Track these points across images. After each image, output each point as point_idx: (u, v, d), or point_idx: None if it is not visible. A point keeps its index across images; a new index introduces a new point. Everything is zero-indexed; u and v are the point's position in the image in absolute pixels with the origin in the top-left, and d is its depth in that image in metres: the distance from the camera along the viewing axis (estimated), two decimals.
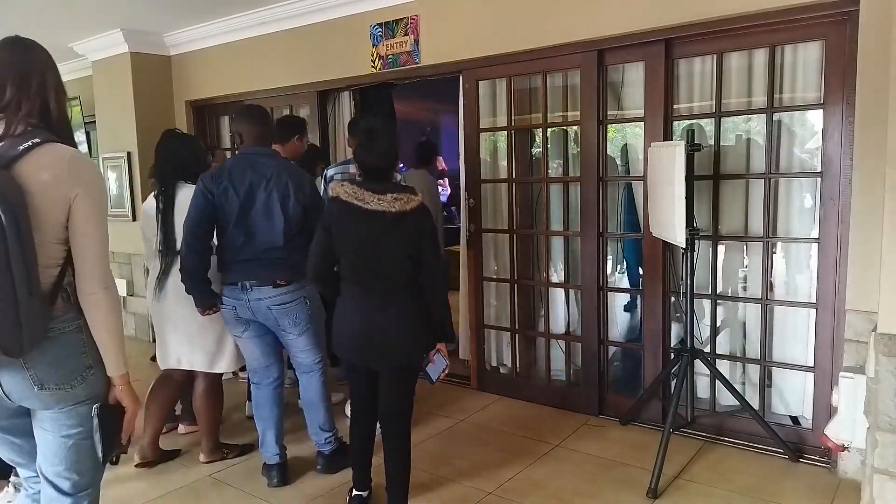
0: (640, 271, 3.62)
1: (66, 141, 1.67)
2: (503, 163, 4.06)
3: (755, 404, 3.23)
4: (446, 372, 2.65)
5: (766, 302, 3.21)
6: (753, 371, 3.34)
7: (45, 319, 1.59)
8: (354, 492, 2.75)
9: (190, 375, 3.21)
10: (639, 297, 3.66)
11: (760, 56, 3.11)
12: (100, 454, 1.70)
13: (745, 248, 3.37)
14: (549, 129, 3.82)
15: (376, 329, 2.48)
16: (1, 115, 1.61)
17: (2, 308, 1.48)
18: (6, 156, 1.54)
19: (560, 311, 4.00)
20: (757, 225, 3.22)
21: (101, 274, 1.66)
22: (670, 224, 2.84)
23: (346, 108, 4.74)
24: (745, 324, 3.38)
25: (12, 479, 2.59)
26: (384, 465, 2.59)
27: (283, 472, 3.01)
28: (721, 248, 3.39)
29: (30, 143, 1.57)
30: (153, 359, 3.87)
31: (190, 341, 3.09)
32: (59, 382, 1.62)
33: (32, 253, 1.52)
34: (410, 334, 2.50)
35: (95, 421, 1.67)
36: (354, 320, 2.52)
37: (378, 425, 2.67)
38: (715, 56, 3.19)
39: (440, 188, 5.56)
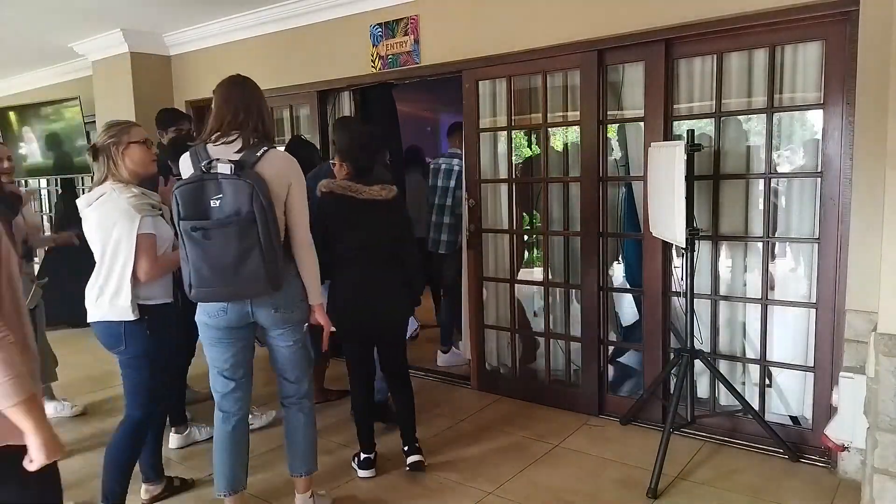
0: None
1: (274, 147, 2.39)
2: (503, 163, 4.06)
3: (755, 404, 3.23)
4: (417, 332, 3.35)
5: (766, 302, 3.21)
6: (753, 371, 3.34)
7: (286, 266, 2.35)
8: (363, 455, 3.07)
9: None
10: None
11: (760, 56, 3.11)
12: (311, 356, 2.60)
13: (745, 248, 3.37)
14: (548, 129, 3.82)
15: (378, 298, 2.91)
16: (236, 133, 2.32)
17: (271, 258, 2.23)
18: (251, 160, 2.26)
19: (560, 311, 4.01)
20: (757, 225, 3.22)
21: (305, 234, 2.42)
22: (670, 224, 2.84)
23: (346, 108, 4.74)
24: (745, 324, 3.38)
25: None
26: (400, 414, 3.13)
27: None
28: (721, 248, 3.39)
29: (262, 150, 2.29)
30: None
31: None
32: (287, 308, 2.41)
33: (276, 222, 2.25)
34: (402, 299, 3.01)
35: (307, 335, 2.54)
36: (359, 294, 2.88)
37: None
38: (715, 56, 3.19)
39: None
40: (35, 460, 1.40)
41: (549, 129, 3.84)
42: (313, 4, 4.47)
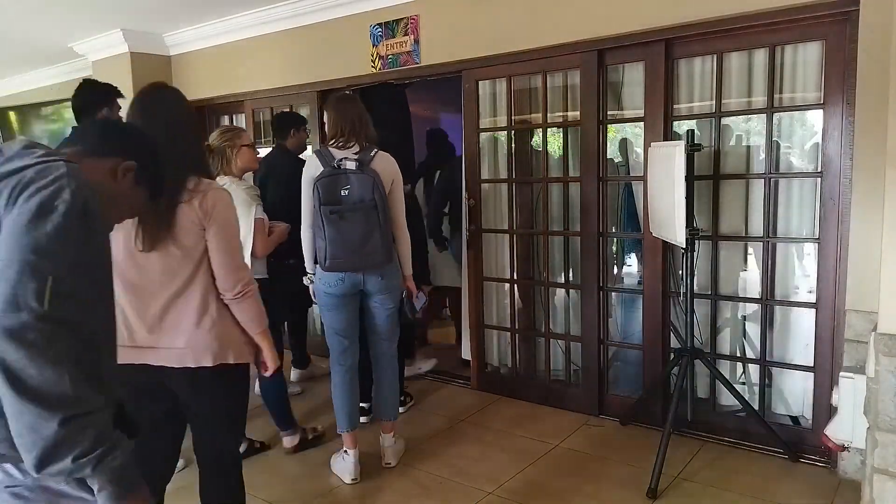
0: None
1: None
2: (503, 163, 4.06)
3: (755, 404, 3.23)
4: (424, 305, 3.49)
5: (766, 302, 3.21)
6: (753, 371, 3.34)
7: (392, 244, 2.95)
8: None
9: None
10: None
11: (760, 56, 3.11)
12: (410, 315, 3.27)
13: (745, 248, 3.37)
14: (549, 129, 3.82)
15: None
16: (354, 139, 2.90)
17: (385, 237, 2.84)
18: (367, 159, 2.85)
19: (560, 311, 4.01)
20: (757, 225, 3.22)
21: (402, 219, 3.04)
22: (670, 224, 2.84)
23: None
24: (745, 324, 3.38)
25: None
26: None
27: None
28: (721, 248, 3.39)
29: (373, 152, 2.89)
30: None
31: None
32: (390, 277, 2.99)
33: (387, 209, 2.86)
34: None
35: (402, 301, 3.15)
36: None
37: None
38: (715, 56, 3.19)
39: None
40: (270, 368, 2.12)
41: (549, 129, 3.84)
42: (313, 4, 4.47)
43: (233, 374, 2.01)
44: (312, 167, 2.91)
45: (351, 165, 2.81)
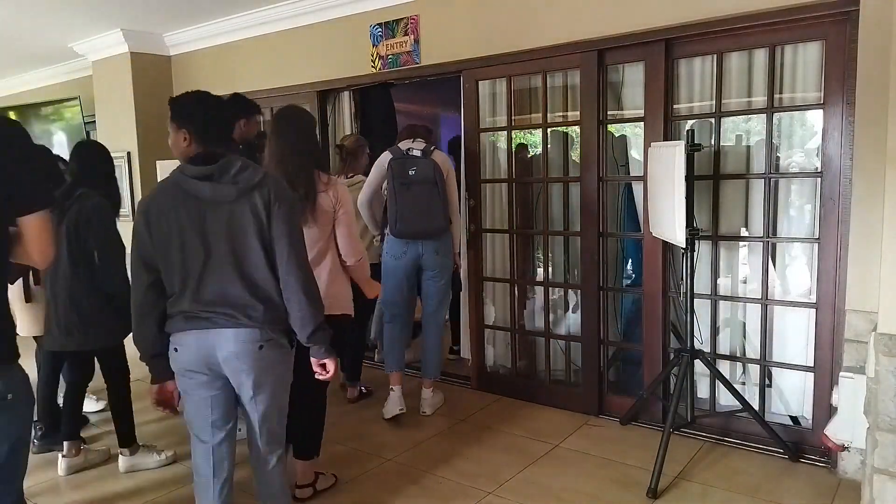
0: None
1: None
2: (503, 163, 4.06)
3: (755, 404, 3.23)
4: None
5: (766, 302, 3.21)
6: (753, 371, 3.34)
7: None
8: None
9: None
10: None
11: (760, 56, 3.11)
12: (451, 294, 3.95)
13: (745, 248, 3.37)
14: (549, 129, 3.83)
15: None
16: (417, 137, 3.62)
17: (444, 209, 3.50)
18: (428, 151, 3.53)
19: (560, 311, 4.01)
20: (757, 225, 3.22)
21: (457, 203, 3.73)
22: (670, 224, 2.84)
23: (346, 108, 4.74)
24: (745, 324, 3.38)
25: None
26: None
27: None
28: (721, 248, 3.39)
29: (432, 147, 3.57)
30: None
31: None
32: (444, 254, 3.65)
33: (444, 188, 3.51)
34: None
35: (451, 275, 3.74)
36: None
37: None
38: (715, 56, 3.19)
39: None
40: (369, 294, 3.00)
41: (549, 129, 3.84)
42: (313, 4, 4.48)
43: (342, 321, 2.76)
44: (383, 157, 3.59)
45: (417, 153, 3.53)
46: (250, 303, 2.03)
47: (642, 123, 3.40)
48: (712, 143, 3.24)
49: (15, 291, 3.12)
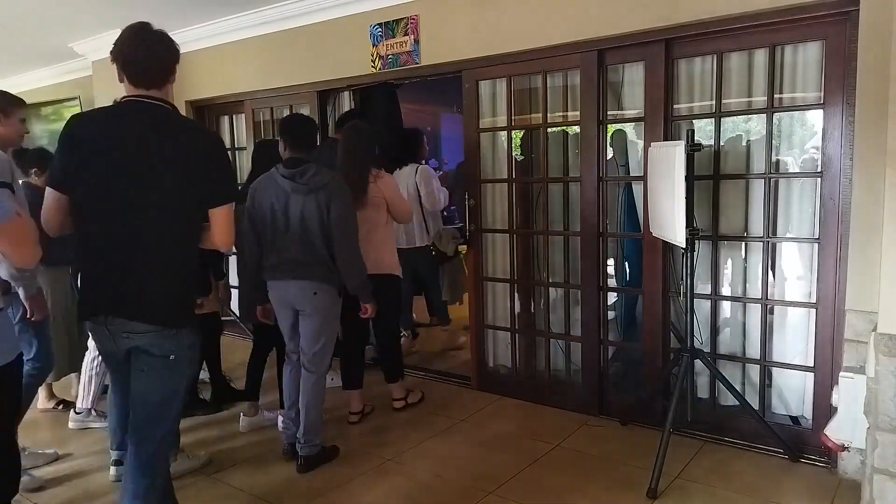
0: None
1: None
2: (503, 163, 4.06)
3: (755, 404, 3.23)
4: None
5: (766, 302, 3.21)
6: (753, 371, 3.34)
7: None
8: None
9: None
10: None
11: (760, 56, 3.11)
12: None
13: (745, 248, 3.37)
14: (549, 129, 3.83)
15: None
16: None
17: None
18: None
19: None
20: (757, 225, 3.22)
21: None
22: (670, 224, 2.84)
23: (346, 108, 4.74)
24: (745, 324, 3.38)
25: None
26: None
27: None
28: (721, 248, 3.39)
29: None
30: None
31: None
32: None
33: None
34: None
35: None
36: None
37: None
38: (715, 56, 3.19)
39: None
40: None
41: (549, 129, 3.84)
42: (313, 4, 4.47)
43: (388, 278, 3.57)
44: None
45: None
46: (311, 264, 2.98)
47: (642, 123, 3.40)
48: (712, 143, 3.24)
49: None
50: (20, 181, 3.66)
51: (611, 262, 3.82)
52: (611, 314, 3.87)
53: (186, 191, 1.99)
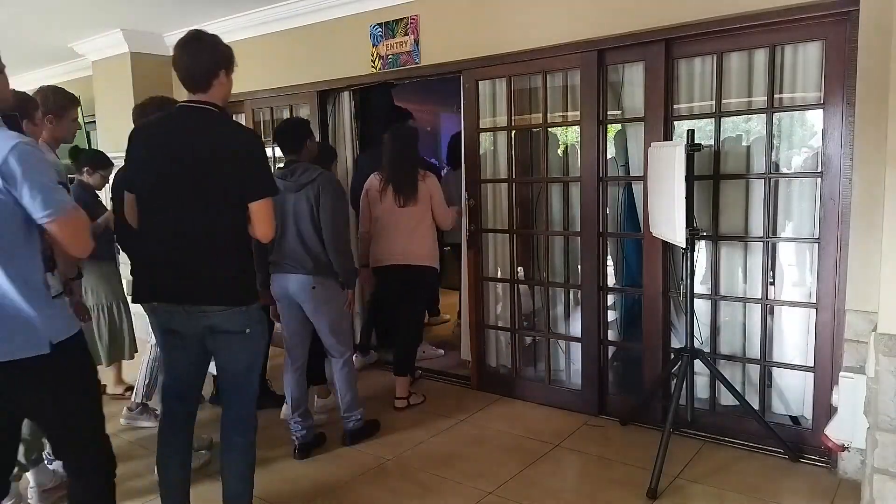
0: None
1: None
2: (503, 163, 4.06)
3: (755, 404, 3.23)
4: None
5: (766, 302, 3.20)
6: (753, 371, 3.34)
7: None
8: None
9: None
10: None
11: (760, 56, 3.11)
12: None
13: (745, 248, 3.37)
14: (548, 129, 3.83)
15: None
16: None
17: None
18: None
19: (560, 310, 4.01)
20: (757, 225, 3.22)
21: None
22: (670, 224, 2.84)
23: (346, 108, 4.74)
24: (745, 324, 3.38)
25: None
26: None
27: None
28: (721, 248, 3.38)
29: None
30: None
31: None
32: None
33: None
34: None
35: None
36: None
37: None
38: (715, 56, 3.19)
39: None
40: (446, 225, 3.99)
41: (549, 129, 3.84)
42: (313, 4, 4.47)
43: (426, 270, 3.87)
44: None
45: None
46: (305, 258, 3.12)
47: (642, 123, 3.40)
48: (712, 143, 3.24)
49: None
50: (76, 179, 3.91)
51: (610, 262, 3.82)
52: (611, 314, 3.87)
53: (231, 186, 2.20)
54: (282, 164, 3.33)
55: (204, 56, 2.25)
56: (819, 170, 2.99)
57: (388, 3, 4.15)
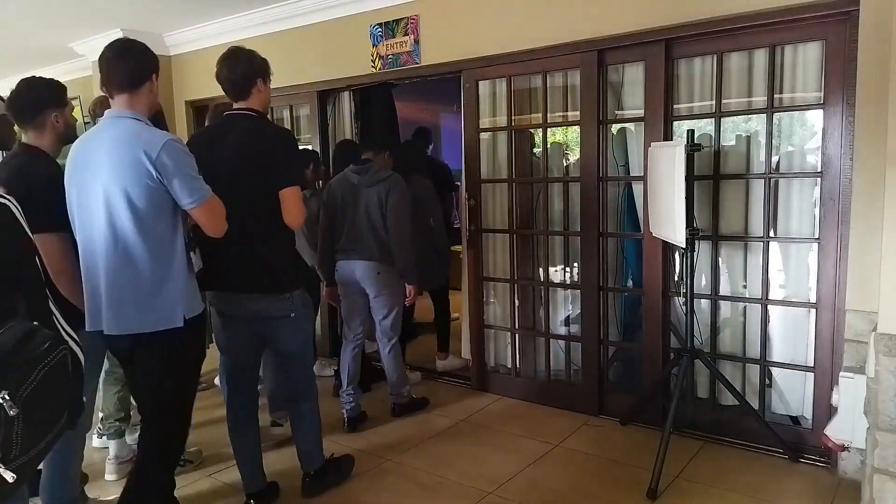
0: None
1: None
2: (503, 163, 4.06)
3: (755, 404, 3.23)
4: None
5: (766, 302, 3.20)
6: (753, 371, 3.34)
7: None
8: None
9: None
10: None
11: (760, 56, 3.11)
12: None
13: (745, 248, 3.37)
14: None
15: None
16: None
17: None
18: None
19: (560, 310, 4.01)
20: (757, 225, 3.22)
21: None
22: (670, 224, 2.84)
23: (346, 108, 4.74)
24: (745, 324, 3.38)
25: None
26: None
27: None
28: (721, 248, 3.39)
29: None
30: None
31: None
32: None
33: None
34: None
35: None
36: None
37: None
38: (715, 56, 3.19)
39: None
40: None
41: (549, 129, 3.84)
42: (313, 4, 4.47)
43: None
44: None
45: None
46: (373, 247, 3.46)
47: (642, 123, 3.40)
48: (712, 143, 3.24)
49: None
50: None
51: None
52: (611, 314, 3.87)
53: (265, 178, 2.45)
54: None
55: (241, 69, 2.55)
56: (819, 170, 2.99)
57: (388, 3, 4.15)
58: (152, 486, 2.27)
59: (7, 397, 1.15)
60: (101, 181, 2.07)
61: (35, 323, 1.29)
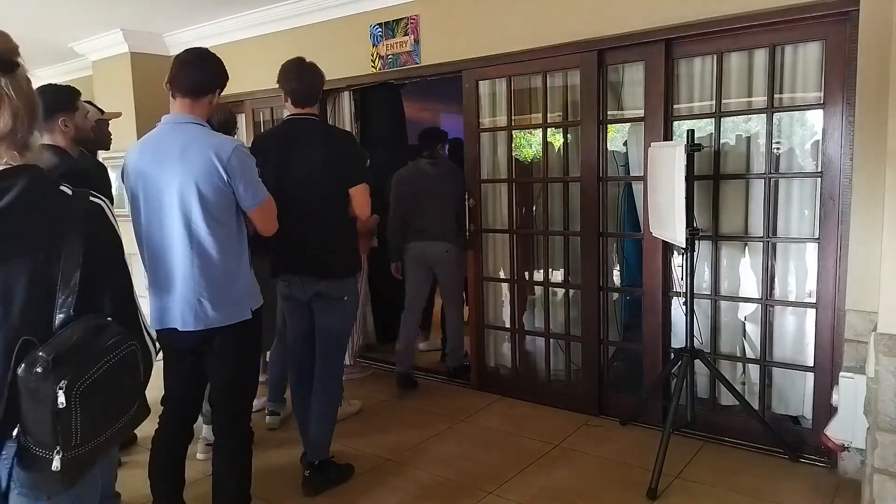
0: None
1: None
2: (503, 163, 4.06)
3: (755, 404, 3.23)
4: None
5: (766, 302, 3.20)
6: (753, 371, 3.34)
7: None
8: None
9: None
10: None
11: (760, 56, 3.11)
12: None
13: (745, 248, 3.37)
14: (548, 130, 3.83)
15: None
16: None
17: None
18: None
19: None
20: (757, 225, 3.22)
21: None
22: (670, 224, 2.84)
23: (346, 108, 4.74)
24: (745, 324, 3.38)
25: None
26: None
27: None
28: (721, 248, 3.38)
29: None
30: None
31: None
32: None
33: None
34: None
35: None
36: None
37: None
38: (715, 56, 3.19)
39: None
40: None
41: (549, 129, 3.84)
42: (313, 4, 4.47)
43: None
44: None
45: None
46: (443, 229, 4.01)
47: (642, 123, 3.40)
48: (712, 143, 3.24)
49: None
50: None
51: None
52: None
53: (334, 178, 2.75)
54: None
55: (309, 78, 3.00)
56: (819, 170, 2.99)
57: (388, 3, 4.15)
58: (233, 463, 2.41)
59: (64, 386, 1.15)
60: (176, 183, 2.17)
61: (109, 318, 1.29)
